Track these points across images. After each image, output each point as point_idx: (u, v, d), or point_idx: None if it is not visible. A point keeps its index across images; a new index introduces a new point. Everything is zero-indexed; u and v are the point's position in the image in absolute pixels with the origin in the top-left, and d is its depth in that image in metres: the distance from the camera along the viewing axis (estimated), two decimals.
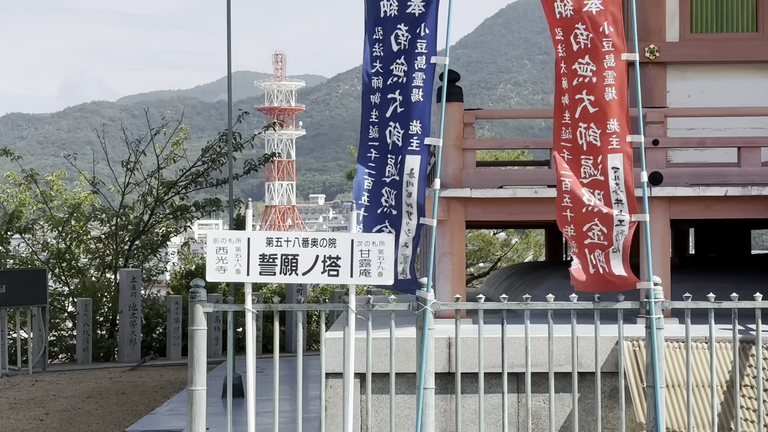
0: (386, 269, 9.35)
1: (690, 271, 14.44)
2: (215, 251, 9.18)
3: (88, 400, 16.82)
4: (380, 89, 9.80)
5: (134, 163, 27.02)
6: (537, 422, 10.16)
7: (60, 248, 26.11)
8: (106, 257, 26.38)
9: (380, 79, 9.81)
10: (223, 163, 25.90)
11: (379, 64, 9.81)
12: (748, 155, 12.53)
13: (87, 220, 26.66)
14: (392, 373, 9.63)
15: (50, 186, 27.09)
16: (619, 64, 9.68)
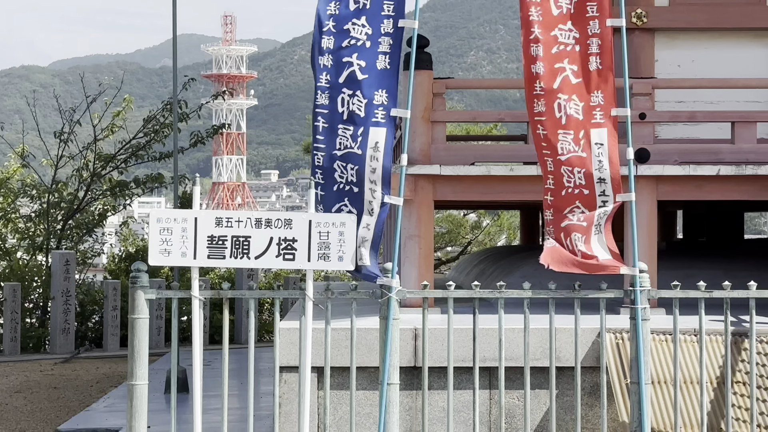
0: (347, 253, 9.36)
1: (678, 258, 14.53)
2: (158, 232, 9.14)
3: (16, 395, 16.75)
4: (331, 51, 9.75)
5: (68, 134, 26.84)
6: (511, 421, 10.20)
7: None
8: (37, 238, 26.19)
9: (332, 39, 9.76)
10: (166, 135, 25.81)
11: (332, 23, 9.76)
12: (743, 131, 12.59)
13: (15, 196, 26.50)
14: (353, 367, 9.64)
15: None
16: (604, 30, 9.71)
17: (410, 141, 11.94)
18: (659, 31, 13.83)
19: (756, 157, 12.42)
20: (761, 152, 12.47)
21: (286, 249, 9.31)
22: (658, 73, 13.71)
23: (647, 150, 12.27)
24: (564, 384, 10.03)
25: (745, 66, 13.81)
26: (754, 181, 12.25)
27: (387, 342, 9.46)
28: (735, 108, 13.12)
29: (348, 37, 9.76)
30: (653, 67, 13.73)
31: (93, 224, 27.43)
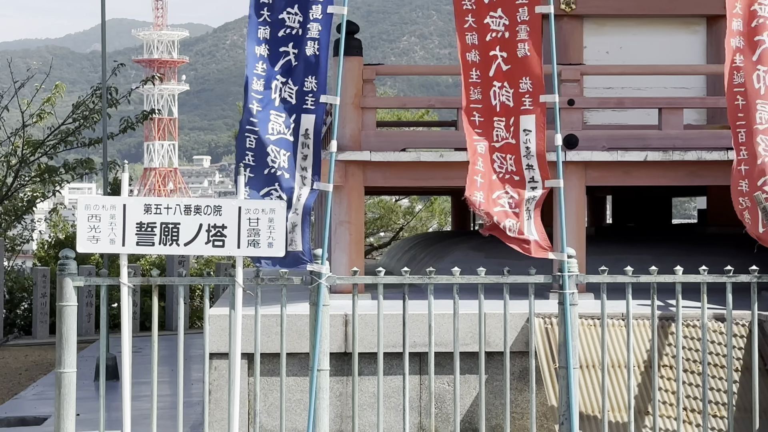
0: (277, 239, 9.36)
1: (607, 243, 14.64)
2: (87, 219, 9.10)
3: None
4: (267, 41, 9.75)
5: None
6: (441, 406, 10.23)
7: None
8: None
9: (267, 29, 9.76)
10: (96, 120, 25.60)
11: (266, 13, 9.76)
12: (670, 117, 12.69)
13: None
14: (283, 353, 9.63)
15: None
16: (533, 17, 9.76)
17: (340, 127, 11.93)
18: (588, 17, 13.91)
19: (683, 143, 12.52)
20: (688, 138, 12.57)
21: (216, 236, 9.29)
22: (587, 60, 13.80)
23: (576, 136, 12.34)
24: (493, 369, 10.08)
25: (673, 52, 13.93)
26: (681, 167, 12.34)
27: (317, 328, 9.46)
28: (662, 94, 13.21)
29: (284, 26, 9.78)
30: (582, 53, 13.82)
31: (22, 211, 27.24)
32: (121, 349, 9.46)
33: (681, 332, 9.77)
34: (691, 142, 12.49)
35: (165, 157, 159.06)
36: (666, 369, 10.07)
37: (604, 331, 9.69)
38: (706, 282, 9.70)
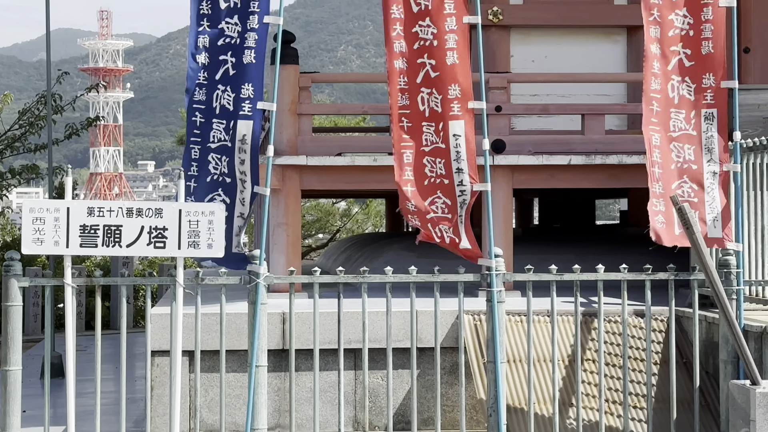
0: (216, 241, 9.37)
1: (533, 243, 14.73)
2: (32, 221, 9.06)
3: None
4: (207, 49, 9.76)
5: None
6: (375, 400, 10.26)
7: None
8: None
9: (207, 38, 9.78)
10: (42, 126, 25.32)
11: (206, 23, 9.78)
12: (592, 123, 12.80)
13: None
14: (222, 350, 9.63)
15: None
16: (461, 26, 9.81)
17: (277, 133, 11.93)
18: (514, 28, 13.99)
19: (605, 147, 12.62)
20: (609, 143, 12.68)
21: (157, 237, 9.27)
22: (514, 68, 13.87)
23: (503, 141, 12.41)
24: (425, 364, 10.11)
25: (595, 61, 14.03)
26: (603, 170, 12.44)
27: (255, 326, 9.46)
28: (585, 101, 13.32)
29: (223, 36, 9.79)
30: (509, 62, 13.89)
31: None
32: (66, 347, 9.42)
33: (603, 327, 9.85)
34: (612, 147, 12.60)
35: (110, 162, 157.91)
36: (589, 363, 10.15)
37: (530, 327, 9.76)
38: (627, 279, 9.80)
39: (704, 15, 9.91)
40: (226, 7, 9.80)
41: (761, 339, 9.31)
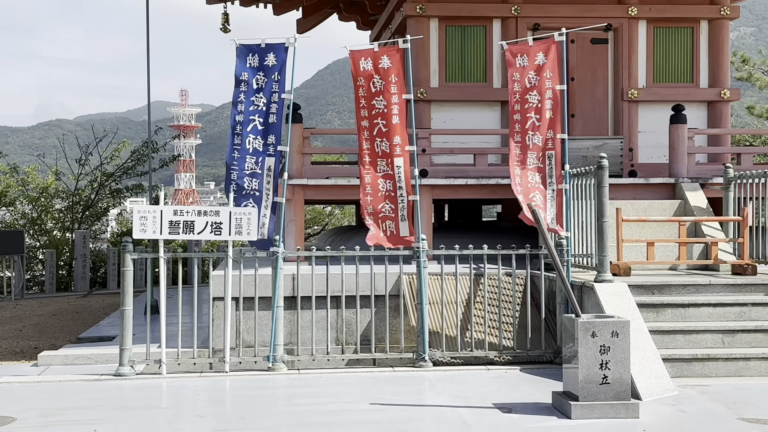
0: (252, 230, 9.48)
1: (445, 232, 14.75)
2: (139, 219, 9.17)
3: (52, 317, 16.26)
4: (244, 113, 9.88)
5: (84, 161, 26.30)
6: (348, 327, 10.27)
7: (33, 216, 25.40)
8: (66, 222, 25.61)
9: (243, 105, 9.90)
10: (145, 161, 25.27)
11: (243, 96, 9.92)
12: (480, 159, 12.89)
13: (52, 197, 25.98)
14: (256, 297, 9.66)
15: (27, 175, 26.33)
16: (401, 100, 9.88)
17: (290, 165, 11.86)
18: (433, 101, 13.97)
19: (487, 174, 12.68)
20: (490, 172, 12.73)
21: (216, 228, 9.33)
22: (433, 126, 13.87)
23: (426, 170, 12.45)
24: (379, 305, 10.12)
25: (482, 122, 14.08)
26: (487, 188, 12.50)
27: (276, 282, 9.49)
28: (475, 146, 13.35)
29: (253, 105, 9.84)
30: (430, 122, 13.89)
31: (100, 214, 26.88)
32: (159, 295, 9.40)
33: (486, 283, 9.94)
34: (492, 174, 12.66)
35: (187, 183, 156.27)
36: (478, 304, 10.20)
37: (443, 282, 9.83)
38: (501, 254, 9.89)
39: (547, 95, 10.00)
40: (257, 88, 9.86)
41: (581, 289, 9.42)
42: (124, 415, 7.30)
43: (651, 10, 14.11)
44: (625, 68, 14.16)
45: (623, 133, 14.05)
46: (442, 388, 8.25)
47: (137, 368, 9.20)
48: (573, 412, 6.93)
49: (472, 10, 13.92)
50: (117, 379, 8.88)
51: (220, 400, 7.92)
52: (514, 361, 9.56)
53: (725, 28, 14.36)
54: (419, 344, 9.48)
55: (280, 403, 7.77)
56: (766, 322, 9.07)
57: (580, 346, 6.97)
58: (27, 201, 25.74)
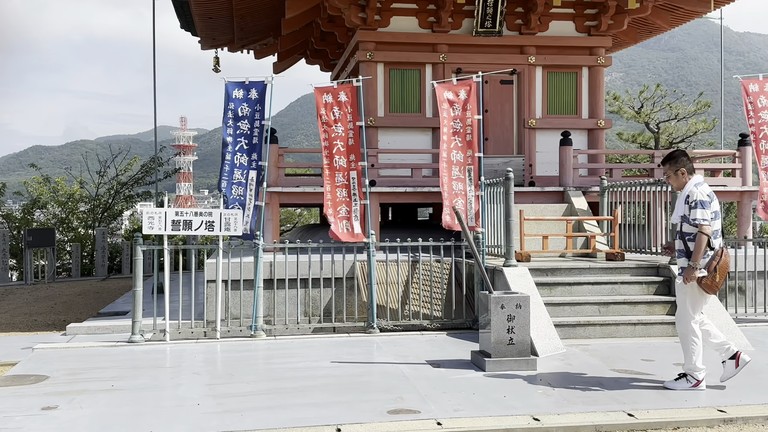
0: (238, 227, 9.33)
1: (389, 229, 14.79)
2: (148, 218, 8.94)
3: (78, 296, 15.88)
4: (232, 135, 9.75)
5: (103, 173, 25.81)
6: (314, 303, 10.22)
7: (62, 217, 24.84)
8: (88, 221, 25.04)
9: (231, 129, 9.76)
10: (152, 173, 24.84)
11: (231, 122, 9.78)
12: (416, 172, 12.93)
13: (77, 202, 25.42)
14: (241, 279, 9.54)
15: (57, 184, 25.72)
16: (354, 127, 9.85)
17: (268, 176, 11.79)
18: (380, 127, 14.01)
19: (422, 184, 12.73)
20: (424, 182, 12.79)
21: (209, 225, 9.15)
22: (380, 146, 13.89)
23: (375, 180, 12.45)
24: (338, 285, 10.10)
25: (417, 143, 14.14)
26: (421, 195, 12.56)
27: (257, 268, 9.39)
28: (412, 162, 13.41)
29: (239, 129, 9.72)
30: (377, 143, 13.92)
31: (116, 215, 26.39)
32: (164, 279, 9.22)
33: (422, 268, 9.98)
34: (425, 184, 12.73)
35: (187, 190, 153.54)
36: (415, 284, 10.22)
37: (388, 268, 9.83)
38: (432, 245, 9.93)
39: (467, 123, 10.06)
40: (242, 116, 9.75)
41: (493, 272, 9.51)
42: (136, 373, 7.17)
43: (545, 59, 14.33)
44: (526, 103, 14.35)
45: (525, 153, 14.23)
46: (387, 349, 8.26)
47: (146, 336, 9.03)
48: (487, 366, 7.00)
49: (410, 57, 13.97)
50: (130, 345, 8.71)
51: (212, 361, 7.81)
52: (442, 327, 9.61)
53: (601, 74, 14.65)
54: (369, 315, 9.48)
55: (260, 362, 7.70)
56: (631, 296, 9.26)
57: (492, 315, 7.04)
58: (57, 204, 25.22)
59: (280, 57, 19.17)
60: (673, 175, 6.43)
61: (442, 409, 5.72)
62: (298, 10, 13.63)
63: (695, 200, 6.21)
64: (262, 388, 6.45)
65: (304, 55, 19.37)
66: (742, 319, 9.86)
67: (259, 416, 5.57)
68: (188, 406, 5.93)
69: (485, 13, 13.81)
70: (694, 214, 6.18)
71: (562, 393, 6.20)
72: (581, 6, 14.42)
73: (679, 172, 6.40)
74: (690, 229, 6.27)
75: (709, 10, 14.94)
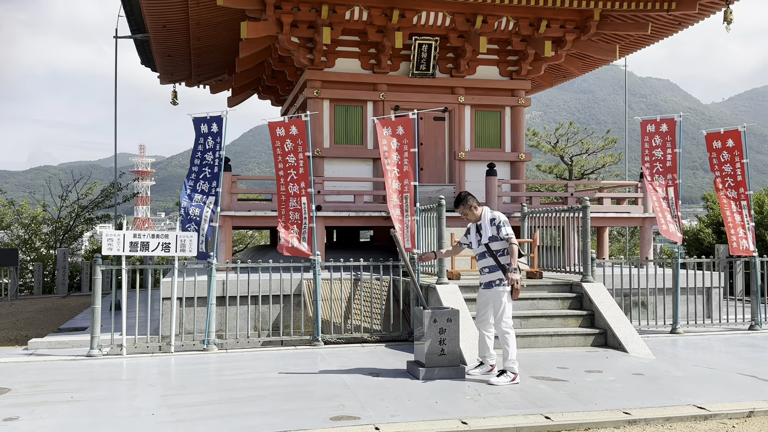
0: (193, 248, 9.16)
1: (334, 249, 14.78)
2: (107, 240, 8.69)
3: (39, 313, 15.23)
4: (198, 165, 9.68)
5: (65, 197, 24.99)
6: (264, 318, 10.10)
7: (25, 238, 23.86)
8: (50, 242, 24.10)
9: (199, 160, 9.67)
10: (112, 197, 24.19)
11: (199, 153, 9.73)
12: (358, 198, 12.98)
13: (40, 223, 24.51)
14: (195, 297, 9.36)
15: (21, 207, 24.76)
16: (305, 157, 9.84)
17: (222, 200, 11.66)
18: (326, 157, 14.05)
19: (363, 209, 12.76)
20: (365, 207, 12.83)
21: (166, 247, 8.97)
22: (326, 175, 13.92)
23: (321, 206, 12.45)
24: (286, 301, 10.02)
25: (360, 172, 14.22)
26: (363, 219, 12.60)
27: (210, 286, 9.24)
28: (355, 189, 13.46)
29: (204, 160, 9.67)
30: (323, 172, 13.94)
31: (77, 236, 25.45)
32: (121, 296, 8.96)
33: (363, 285, 10.00)
34: (366, 209, 12.78)
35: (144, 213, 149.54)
36: (357, 300, 10.23)
37: (332, 285, 9.81)
38: (373, 264, 9.97)
39: (404, 156, 10.17)
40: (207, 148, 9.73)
41: (427, 289, 9.60)
42: (94, 386, 6.92)
43: (473, 99, 14.69)
44: (456, 137, 14.65)
45: (456, 182, 14.49)
46: (331, 360, 8.22)
47: (104, 351, 8.74)
48: (421, 374, 7.04)
49: (353, 95, 14.11)
50: (88, 358, 8.41)
51: (166, 373, 7.61)
52: (381, 340, 9.62)
53: (521, 113, 15.09)
54: (314, 329, 9.43)
55: (212, 374, 7.55)
56: (548, 311, 9.49)
57: (426, 328, 7.09)
58: (21, 226, 24.31)
59: (234, 92, 19.05)
60: (469, 211, 7.15)
61: (380, 414, 5.73)
62: (251, 51, 13.61)
63: (501, 221, 6.92)
64: (213, 399, 6.33)
65: (256, 90, 19.30)
66: (644, 331, 10.22)
67: (211, 425, 5.46)
68: (144, 416, 5.76)
69: (420, 58, 14.09)
70: (505, 232, 6.89)
71: (487, 398, 6.30)
72: (504, 53, 14.87)
73: (472, 208, 7.12)
74: (499, 246, 6.93)
75: (615, 58, 15.61)
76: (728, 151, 10.85)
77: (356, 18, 13.31)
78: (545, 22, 13.96)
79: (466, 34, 13.99)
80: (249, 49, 13.56)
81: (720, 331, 10.40)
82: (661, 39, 15.52)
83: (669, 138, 10.53)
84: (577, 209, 10.13)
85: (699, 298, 11.21)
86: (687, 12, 13.42)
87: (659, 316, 10.74)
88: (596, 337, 8.96)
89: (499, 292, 6.93)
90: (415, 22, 13.44)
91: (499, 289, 6.93)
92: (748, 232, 10.59)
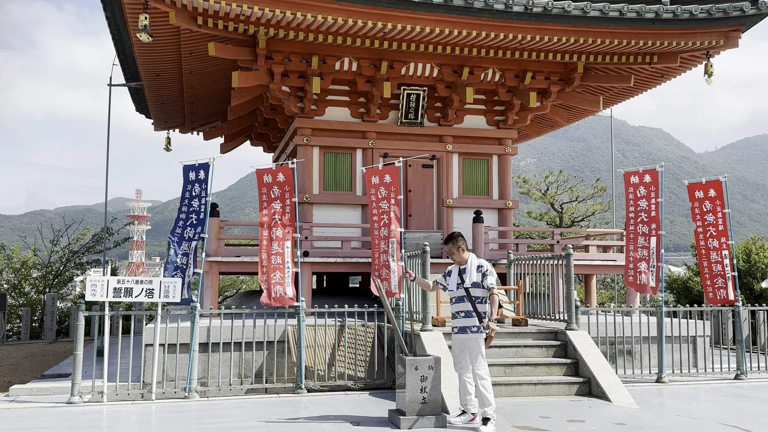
0: (177, 295, 9.18)
1: (322, 295, 14.75)
2: (91, 286, 8.71)
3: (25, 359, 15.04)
4: (185, 212, 9.78)
5: (56, 241, 24.95)
6: (248, 365, 10.04)
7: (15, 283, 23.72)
8: (40, 287, 23.93)
9: (186, 206, 9.79)
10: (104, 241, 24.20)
11: (186, 200, 9.84)
12: (346, 244, 13.04)
13: (30, 268, 24.40)
14: (178, 343, 9.34)
15: (12, 251, 24.66)
16: (291, 204, 9.96)
17: (209, 246, 11.71)
18: (315, 203, 14.11)
19: (351, 254, 12.82)
20: (353, 253, 12.90)
21: (149, 293, 8.99)
22: (315, 220, 13.96)
23: (308, 251, 12.50)
24: (271, 348, 9.98)
25: (348, 218, 14.28)
26: (351, 265, 12.64)
27: (194, 332, 9.22)
28: (343, 235, 13.51)
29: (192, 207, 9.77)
30: (312, 217, 14.00)
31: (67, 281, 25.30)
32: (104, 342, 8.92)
33: (347, 332, 9.98)
34: (354, 254, 12.83)
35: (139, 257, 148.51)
36: (342, 347, 10.20)
37: (316, 332, 9.81)
38: (357, 311, 9.98)
39: (392, 203, 10.27)
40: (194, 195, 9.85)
41: (411, 336, 9.60)
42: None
43: (461, 147, 14.92)
44: (444, 184, 14.82)
45: (443, 228, 14.59)
46: (313, 408, 8.16)
47: (85, 398, 8.67)
48: (402, 423, 7.01)
49: (342, 143, 14.32)
50: (68, 406, 8.33)
51: (146, 421, 7.54)
52: (365, 387, 9.57)
53: (509, 161, 15.31)
54: (298, 377, 9.38)
55: (192, 423, 7.48)
56: (532, 359, 9.47)
57: (407, 376, 7.08)
58: (11, 271, 24.12)
59: (227, 139, 19.31)
60: (456, 251, 7.23)
61: None
62: (242, 99, 13.87)
63: (487, 269, 7.05)
64: None
65: (249, 137, 19.57)
66: (630, 380, 10.18)
67: None
68: None
69: (408, 107, 14.39)
70: (489, 282, 6.98)
71: None
72: (491, 103, 15.19)
73: (460, 249, 7.07)
74: (479, 293, 7.01)
75: (599, 109, 15.95)
76: (710, 200, 11.03)
77: (346, 68, 13.63)
78: (530, 74, 14.32)
79: (453, 84, 14.31)
80: (241, 98, 13.83)
81: (706, 381, 10.37)
82: (646, 90, 15.89)
83: (653, 188, 10.68)
84: (562, 257, 10.22)
85: (685, 347, 11.21)
86: (669, 65, 13.79)
87: (645, 364, 10.72)
88: (580, 386, 8.93)
89: (476, 338, 7.01)
90: (403, 73, 13.77)
91: (475, 336, 7.01)
92: (728, 282, 10.67)
